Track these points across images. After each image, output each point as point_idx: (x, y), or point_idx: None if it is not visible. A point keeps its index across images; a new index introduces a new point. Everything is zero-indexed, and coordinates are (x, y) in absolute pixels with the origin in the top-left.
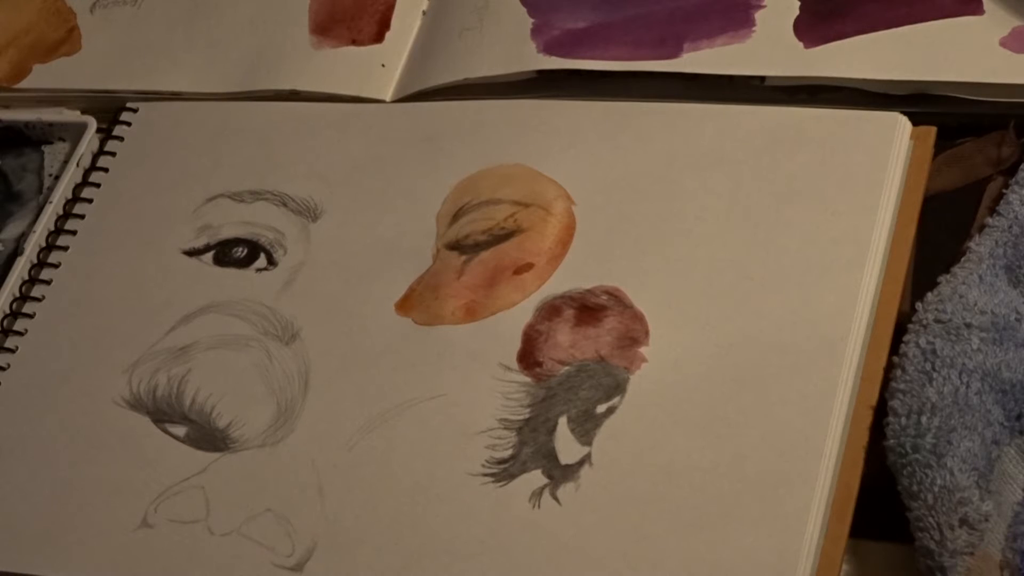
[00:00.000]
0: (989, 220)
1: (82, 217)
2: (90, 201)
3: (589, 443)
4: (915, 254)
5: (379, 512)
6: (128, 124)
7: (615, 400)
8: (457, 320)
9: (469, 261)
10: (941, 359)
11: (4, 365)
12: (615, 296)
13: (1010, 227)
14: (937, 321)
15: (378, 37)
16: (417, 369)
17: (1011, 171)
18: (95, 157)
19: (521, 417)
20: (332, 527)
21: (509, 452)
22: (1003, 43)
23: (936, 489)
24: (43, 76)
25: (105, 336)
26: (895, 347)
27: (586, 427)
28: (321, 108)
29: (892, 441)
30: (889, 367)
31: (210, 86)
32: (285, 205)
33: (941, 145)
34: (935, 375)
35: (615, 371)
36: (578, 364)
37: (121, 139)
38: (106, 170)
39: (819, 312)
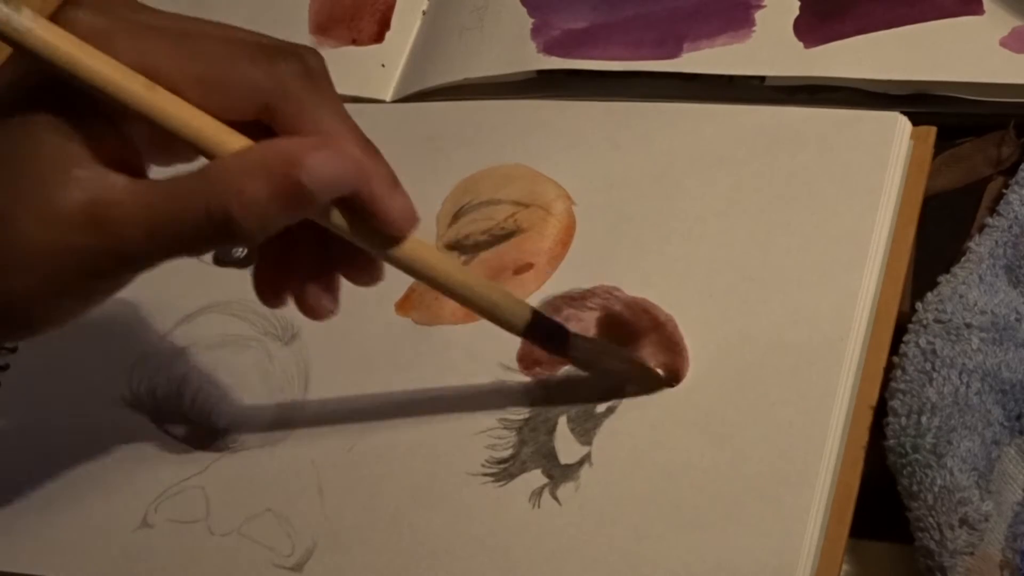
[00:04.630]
0: (989, 220)
1: None
2: None
3: (589, 443)
4: (915, 254)
5: (379, 512)
6: None
7: (615, 400)
8: (457, 320)
9: (469, 261)
10: (941, 359)
11: (4, 365)
12: (615, 297)
13: (1010, 227)
14: (937, 321)
15: (378, 37)
16: (417, 369)
17: (1011, 171)
18: None
19: (521, 417)
20: (332, 527)
21: (509, 452)
22: (1003, 43)
23: (936, 489)
24: None
25: (105, 336)
26: (895, 347)
27: (586, 427)
28: None
29: (892, 441)
30: (889, 367)
31: None
32: None
33: (941, 145)
34: (935, 375)
35: None
36: None
37: None
38: None
39: (819, 312)
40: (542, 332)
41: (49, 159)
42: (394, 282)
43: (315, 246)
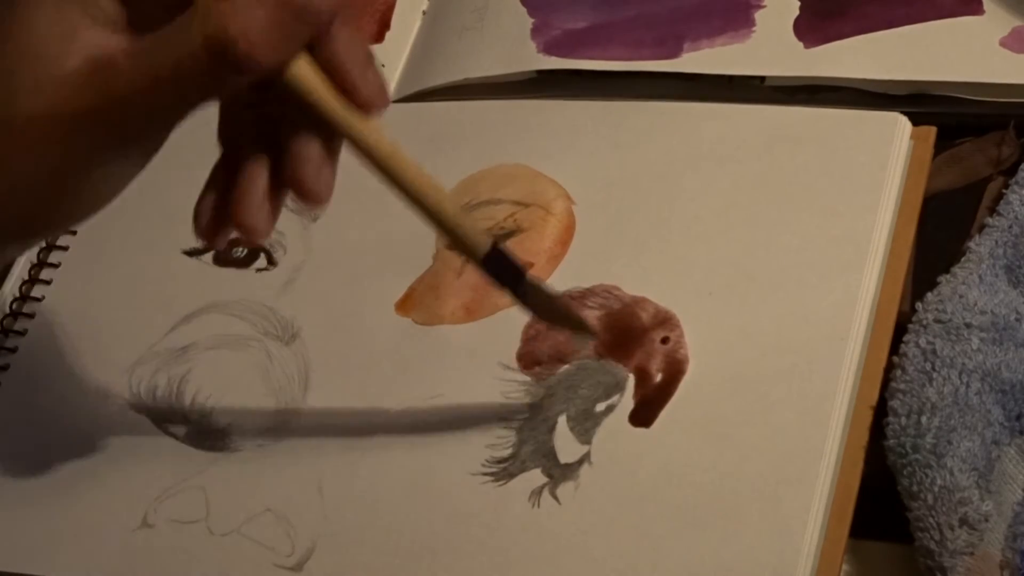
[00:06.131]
0: (989, 220)
1: None
2: None
3: (588, 442)
4: (915, 254)
5: (379, 512)
6: None
7: (614, 398)
8: (457, 320)
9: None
10: (941, 359)
11: (4, 365)
12: (615, 296)
13: (1010, 227)
14: (937, 321)
15: (378, 37)
16: (417, 369)
17: (1011, 171)
18: None
19: (521, 416)
20: (332, 527)
21: (509, 451)
22: (1003, 43)
23: (936, 489)
24: None
25: (105, 336)
26: (895, 347)
27: (585, 426)
28: None
29: (892, 441)
30: (889, 367)
31: None
32: (285, 205)
33: (941, 145)
34: (935, 375)
35: (614, 369)
36: (577, 363)
37: None
38: None
39: (819, 312)
40: (500, 266)
41: (46, 27)
42: (394, 282)
43: (265, 152)
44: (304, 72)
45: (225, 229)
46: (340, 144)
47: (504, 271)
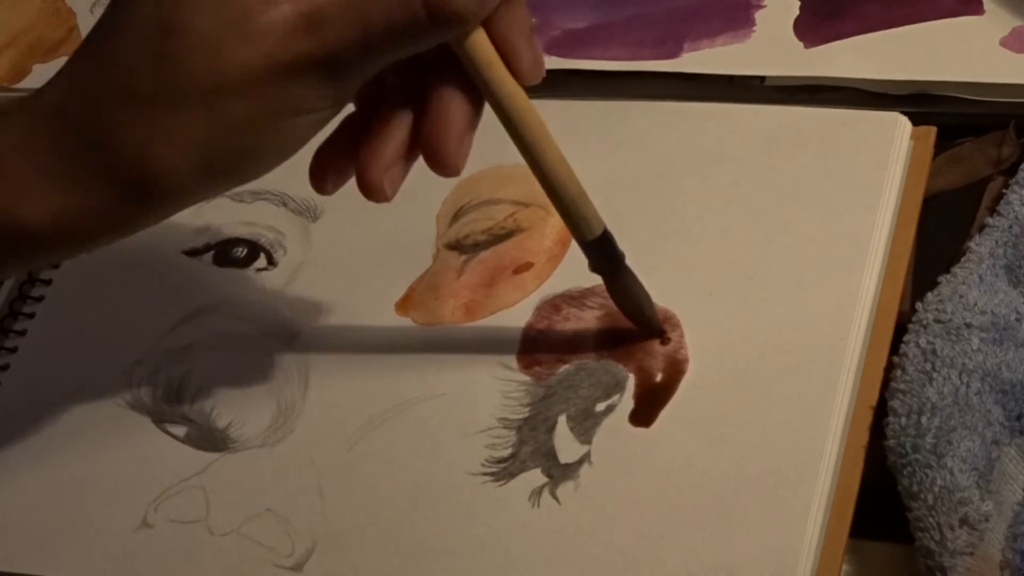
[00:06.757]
0: (989, 220)
1: None
2: None
3: (589, 442)
4: (915, 254)
5: (379, 512)
6: None
7: (614, 398)
8: (457, 320)
9: (469, 261)
10: (941, 359)
11: (4, 365)
12: None
13: (1010, 227)
14: (937, 321)
15: None
16: (417, 369)
17: (1011, 171)
18: None
19: (520, 416)
20: (332, 527)
21: (509, 451)
22: (1003, 43)
23: (936, 489)
24: (43, 76)
25: (105, 336)
26: (895, 347)
27: (585, 426)
28: None
29: (892, 441)
30: (889, 367)
31: None
32: (285, 205)
33: (941, 145)
34: (935, 375)
35: (614, 369)
36: (577, 363)
37: None
38: None
39: (819, 312)
40: (603, 251)
41: None
42: (394, 282)
43: (405, 116)
44: (478, 35)
45: (339, 179)
46: (479, 119)
47: (605, 257)
